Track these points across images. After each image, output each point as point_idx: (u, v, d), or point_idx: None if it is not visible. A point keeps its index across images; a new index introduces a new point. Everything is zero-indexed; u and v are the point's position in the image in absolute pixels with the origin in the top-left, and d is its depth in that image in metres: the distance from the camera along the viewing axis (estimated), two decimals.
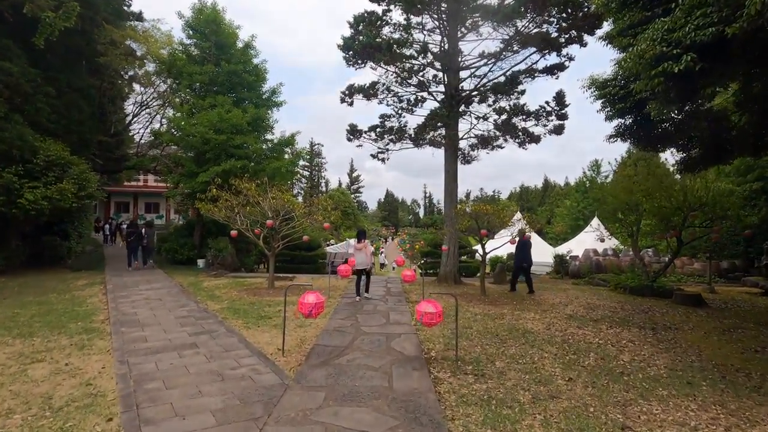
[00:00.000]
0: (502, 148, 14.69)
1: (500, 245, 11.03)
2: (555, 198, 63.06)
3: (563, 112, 12.48)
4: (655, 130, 9.62)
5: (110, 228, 22.53)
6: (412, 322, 7.56)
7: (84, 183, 14.15)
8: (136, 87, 22.48)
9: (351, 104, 13.28)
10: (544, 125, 12.77)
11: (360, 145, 13.46)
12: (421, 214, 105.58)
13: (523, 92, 12.32)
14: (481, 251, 11.48)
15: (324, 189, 75.38)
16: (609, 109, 9.67)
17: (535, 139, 14.08)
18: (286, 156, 18.21)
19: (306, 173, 76.29)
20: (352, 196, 74.98)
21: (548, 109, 12.53)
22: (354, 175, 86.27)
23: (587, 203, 35.93)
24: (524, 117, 12.24)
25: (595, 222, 26.96)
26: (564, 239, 31.55)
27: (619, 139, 10.01)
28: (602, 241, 16.20)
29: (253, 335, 6.42)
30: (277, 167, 16.57)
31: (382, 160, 13.76)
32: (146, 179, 36.86)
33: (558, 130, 12.66)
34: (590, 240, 25.23)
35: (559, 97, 12.33)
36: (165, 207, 38.60)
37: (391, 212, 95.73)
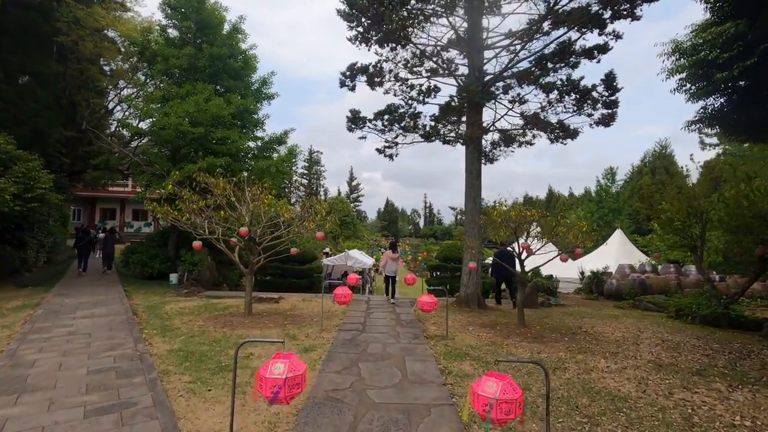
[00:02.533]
0: (531, 144, 12.43)
1: (544, 263, 8.65)
2: (561, 208, 60.88)
3: (613, 98, 10.17)
4: (756, 112, 7.30)
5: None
6: (442, 378, 5.14)
7: (32, 182, 11.80)
8: (118, 83, 20.36)
9: (352, 89, 10.99)
10: (589, 114, 10.46)
11: (363, 137, 11.12)
12: (421, 224, 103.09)
13: (575, 65, 9.96)
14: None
15: (323, 197, 73.03)
16: (693, 85, 7.35)
17: (572, 134, 11.78)
18: (278, 156, 15.89)
19: (305, 181, 74.10)
20: (352, 204, 72.62)
21: (594, 95, 10.23)
22: (353, 183, 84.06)
23: (602, 213, 33.60)
24: (578, 96, 9.88)
25: (618, 234, 24.66)
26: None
27: (702, 125, 7.70)
28: (659, 257, 13.89)
29: (194, 412, 3.99)
30: (265, 166, 14.26)
31: (390, 156, 11.41)
32: (135, 184, 34.56)
33: (606, 121, 10.35)
34: (614, 253, 22.89)
35: (609, 80, 10.03)
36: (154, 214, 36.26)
37: (391, 222, 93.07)
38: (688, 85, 7.49)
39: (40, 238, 16.50)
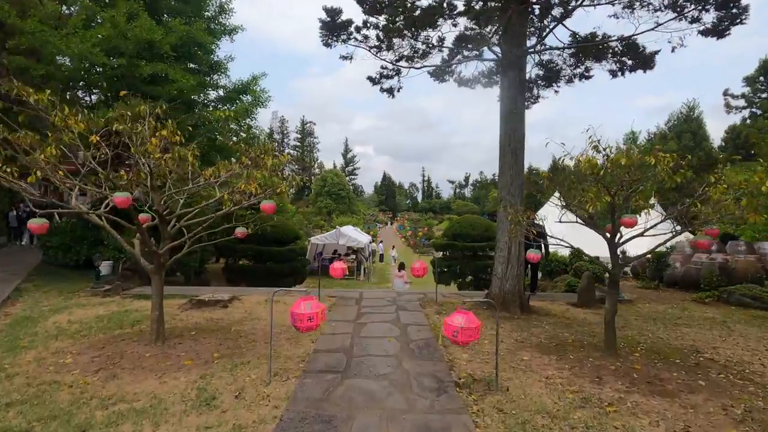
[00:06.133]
0: (587, 77, 8.87)
1: (659, 244, 5.38)
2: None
3: None
4: None
5: (18, 218, 15.93)
6: None
7: None
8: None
9: None
10: (694, 19, 6.84)
11: (348, 57, 7.36)
12: (420, 198, 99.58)
13: None
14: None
15: (317, 171, 69.09)
16: None
17: (647, 60, 8.28)
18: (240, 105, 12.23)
19: (296, 153, 69.87)
20: (347, 178, 68.67)
21: None
22: (349, 156, 79.80)
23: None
24: None
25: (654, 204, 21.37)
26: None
27: None
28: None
29: None
30: (221, 118, 10.68)
31: (390, 91, 7.76)
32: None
33: (722, 27, 6.74)
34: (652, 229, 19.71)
35: None
36: None
37: (389, 196, 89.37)
38: None
39: None
